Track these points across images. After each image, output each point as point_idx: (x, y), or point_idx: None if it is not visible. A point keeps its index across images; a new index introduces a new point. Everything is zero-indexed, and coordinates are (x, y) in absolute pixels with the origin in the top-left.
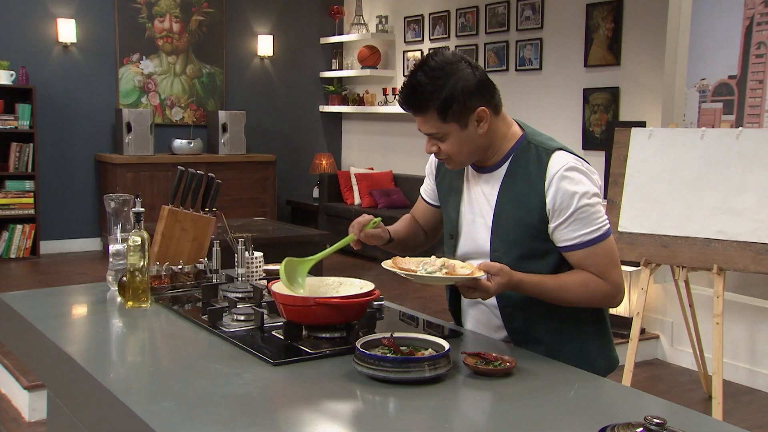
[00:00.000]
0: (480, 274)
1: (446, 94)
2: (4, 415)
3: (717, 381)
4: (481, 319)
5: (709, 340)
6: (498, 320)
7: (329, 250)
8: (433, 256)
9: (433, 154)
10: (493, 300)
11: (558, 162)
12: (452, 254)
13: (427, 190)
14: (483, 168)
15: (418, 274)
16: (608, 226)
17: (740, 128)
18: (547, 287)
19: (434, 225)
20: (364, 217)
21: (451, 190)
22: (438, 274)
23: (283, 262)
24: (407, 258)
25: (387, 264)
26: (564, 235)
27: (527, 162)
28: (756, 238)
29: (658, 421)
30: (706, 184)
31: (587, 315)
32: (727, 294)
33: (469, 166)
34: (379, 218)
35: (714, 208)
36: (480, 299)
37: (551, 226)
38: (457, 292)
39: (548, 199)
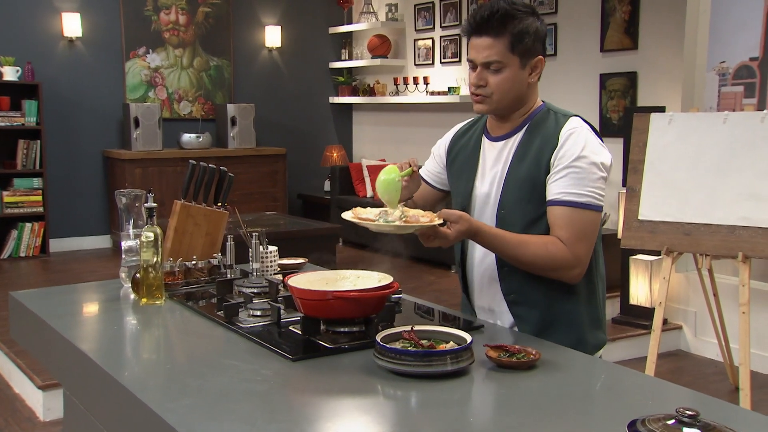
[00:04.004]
0: (439, 221)
1: (524, 26)
2: (18, 415)
3: (744, 372)
4: (484, 274)
5: (734, 330)
6: (496, 279)
7: (406, 172)
8: (399, 206)
9: (445, 139)
10: (492, 259)
11: (573, 123)
12: None
13: (430, 172)
14: (501, 137)
15: (377, 223)
16: (600, 203)
17: (765, 111)
18: (506, 239)
19: (431, 206)
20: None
21: (465, 166)
22: (397, 223)
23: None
24: (367, 209)
25: (347, 215)
26: (553, 187)
27: (545, 125)
28: None
29: (690, 413)
30: (729, 169)
31: (580, 286)
32: (753, 282)
33: (485, 139)
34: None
35: (738, 194)
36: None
37: (548, 177)
38: (464, 254)
39: (556, 149)
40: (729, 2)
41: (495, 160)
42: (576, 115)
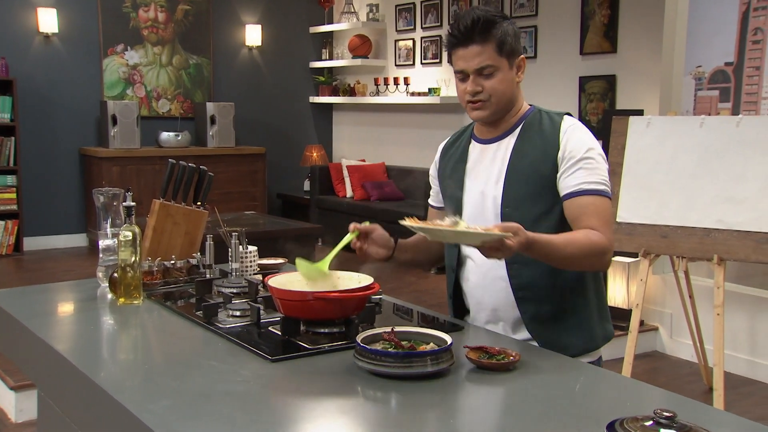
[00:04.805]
0: (506, 234)
1: (504, 29)
2: None
3: (718, 372)
4: (488, 274)
5: (709, 332)
6: (503, 277)
7: (336, 249)
8: (448, 218)
9: (436, 157)
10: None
11: (571, 120)
12: None
13: (434, 195)
14: (493, 139)
15: (445, 228)
16: (610, 192)
17: (740, 116)
18: (555, 242)
19: None
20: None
21: (454, 171)
22: (469, 230)
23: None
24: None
25: (405, 222)
26: (570, 181)
27: (540, 124)
28: (757, 227)
29: (668, 414)
30: (705, 172)
31: (588, 278)
32: (727, 284)
33: (475, 143)
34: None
35: (714, 197)
36: (498, 259)
37: (559, 174)
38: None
39: (561, 145)
40: (705, 8)
41: (490, 160)
42: (567, 113)
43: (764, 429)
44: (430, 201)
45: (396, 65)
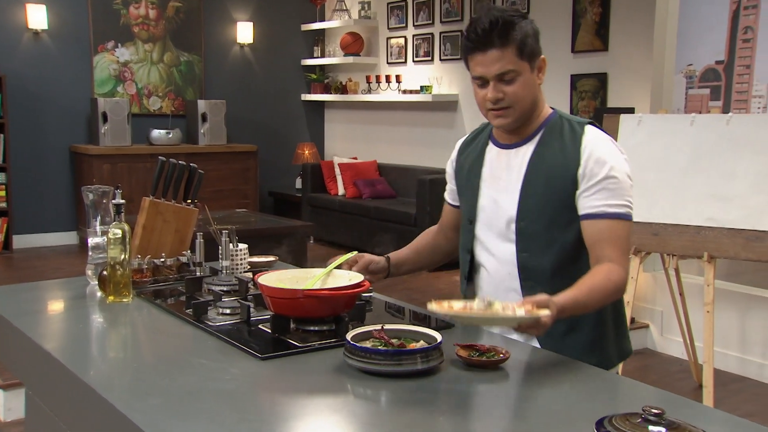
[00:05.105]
0: (545, 313)
1: (524, 30)
2: None
3: (708, 370)
4: (499, 286)
5: (699, 329)
6: (515, 289)
7: (326, 270)
8: (479, 301)
9: (452, 154)
10: (507, 270)
11: (593, 132)
12: (471, 241)
13: (450, 192)
14: (511, 145)
15: (477, 315)
16: (632, 212)
17: (730, 114)
18: (581, 298)
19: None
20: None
21: (470, 174)
22: (505, 315)
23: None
24: (451, 301)
25: (434, 307)
26: (589, 201)
27: (561, 133)
28: (747, 225)
29: (656, 411)
30: (696, 170)
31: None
32: (717, 282)
33: (493, 146)
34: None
35: (704, 195)
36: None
37: (578, 192)
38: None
39: (582, 161)
40: (696, 7)
41: (506, 167)
42: (590, 122)
43: (753, 425)
44: (446, 197)
45: (388, 63)
